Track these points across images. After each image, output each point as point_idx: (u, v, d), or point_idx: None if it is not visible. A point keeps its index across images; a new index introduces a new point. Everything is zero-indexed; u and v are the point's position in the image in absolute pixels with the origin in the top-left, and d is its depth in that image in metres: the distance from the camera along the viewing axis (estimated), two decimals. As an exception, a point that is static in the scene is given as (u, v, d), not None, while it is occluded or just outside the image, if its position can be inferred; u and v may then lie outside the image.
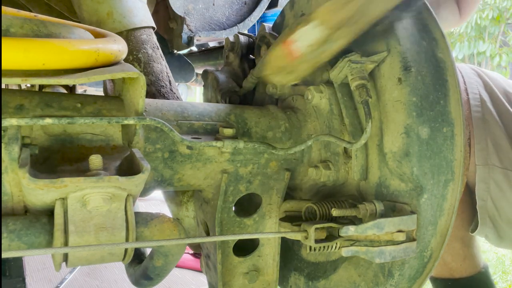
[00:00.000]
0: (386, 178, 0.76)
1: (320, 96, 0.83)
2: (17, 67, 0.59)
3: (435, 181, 0.72)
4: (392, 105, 0.73)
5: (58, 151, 0.69)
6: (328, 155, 0.86)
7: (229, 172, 0.82)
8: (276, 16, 1.02)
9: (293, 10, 0.95)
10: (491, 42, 7.95)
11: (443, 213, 0.73)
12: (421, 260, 0.75)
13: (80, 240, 0.62)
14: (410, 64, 0.71)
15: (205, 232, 0.96)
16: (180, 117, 0.81)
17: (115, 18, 1.06)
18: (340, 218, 0.77)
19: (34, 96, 0.70)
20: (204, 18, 1.61)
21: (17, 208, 0.67)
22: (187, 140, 0.72)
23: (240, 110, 0.87)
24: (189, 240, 0.69)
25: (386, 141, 0.74)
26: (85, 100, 0.73)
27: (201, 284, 2.19)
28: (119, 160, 0.71)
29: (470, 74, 1.32)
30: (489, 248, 2.92)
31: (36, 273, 2.23)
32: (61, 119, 0.63)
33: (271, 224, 0.90)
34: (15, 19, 0.64)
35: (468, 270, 1.41)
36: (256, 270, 0.92)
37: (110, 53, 0.68)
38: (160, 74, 1.10)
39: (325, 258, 0.90)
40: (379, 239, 0.70)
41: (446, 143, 0.72)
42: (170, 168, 0.78)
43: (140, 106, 0.69)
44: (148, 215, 0.71)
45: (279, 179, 0.87)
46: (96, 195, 0.61)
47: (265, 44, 1.02)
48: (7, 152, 0.61)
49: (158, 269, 0.80)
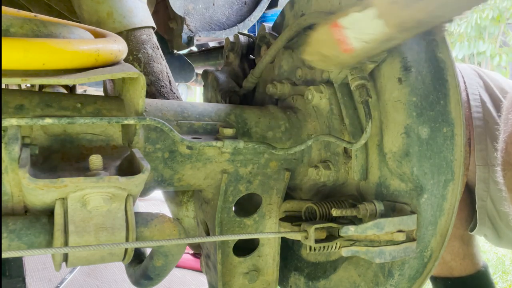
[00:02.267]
0: (386, 178, 0.76)
1: (320, 96, 0.83)
2: (17, 67, 0.59)
3: (435, 181, 0.72)
4: (392, 105, 0.73)
5: (58, 151, 0.69)
6: (328, 155, 0.86)
7: (229, 172, 0.82)
8: (276, 16, 1.02)
9: (293, 10, 0.95)
10: (491, 42, 7.95)
11: (443, 213, 0.73)
12: (421, 260, 0.75)
13: (80, 240, 0.62)
14: (410, 64, 0.71)
15: (205, 232, 0.96)
16: (180, 117, 0.81)
17: (115, 18, 1.06)
18: (340, 218, 0.77)
19: (34, 96, 0.70)
20: (204, 18, 1.61)
21: (17, 208, 0.67)
22: (187, 140, 0.72)
23: (240, 110, 0.87)
24: (189, 240, 0.69)
25: (386, 141, 0.74)
26: (85, 100, 0.73)
27: (201, 284, 2.19)
28: (119, 160, 0.71)
29: (471, 75, 1.32)
30: (489, 248, 2.92)
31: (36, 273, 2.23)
32: (61, 119, 0.63)
33: (271, 224, 0.90)
34: (15, 19, 0.64)
35: (468, 269, 1.42)
36: (256, 270, 0.92)
37: (110, 53, 0.68)
38: (160, 74, 1.10)
39: (325, 258, 0.90)
40: (379, 239, 0.70)
41: (446, 143, 0.72)
42: (170, 168, 0.78)
43: (140, 106, 0.69)
44: (148, 215, 0.71)
45: (279, 179, 0.87)
46: (96, 195, 0.61)
47: (265, 44, 1.02)
48: (7, 152, 0.61)
49: (158, 269, 0.80)
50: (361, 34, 0.63)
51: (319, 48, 0.70)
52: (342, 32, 0.64)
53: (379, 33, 0.62)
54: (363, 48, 0.65)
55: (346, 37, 0.64)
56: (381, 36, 0.62)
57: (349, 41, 0.64)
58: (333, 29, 0.66)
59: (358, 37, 0.63)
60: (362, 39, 0.63)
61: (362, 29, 0.63)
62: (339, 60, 0.69)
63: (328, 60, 0.71)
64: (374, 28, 0.61)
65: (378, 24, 0.61)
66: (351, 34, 0.64)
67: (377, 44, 0.64)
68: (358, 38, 0.63)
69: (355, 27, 0.63)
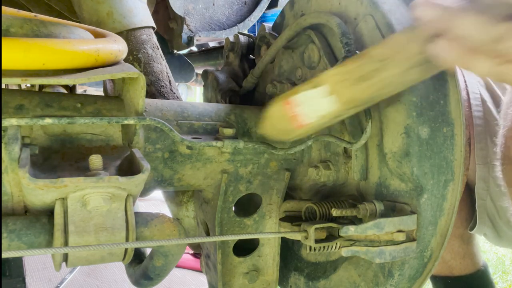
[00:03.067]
0: (386, 178, 0.76)
1: (320, 96, 0.83)
2: (17, 67, 0.59)
3: (435, 181, 0.72)
4: (392, 105, 0.73)
5: (58, 151, 0.69)
6: (328, 155, 0.86)
7: (229, 172, 0.82)
8: (276, 16, 1.02)
9: (293, 10, 0.95)
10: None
11: (443, 213, 0.73)
12: (421, 260, 0.75)
13: (80, 240, 0.62)
14: (410, 64, 0.71)
15: (205, 232, 0.96)
16: (180, 117, 0.81)
17: (115, 18, 1.06)
18: (340, 218, 0.77)
19: (34, 96, 0.70)
20: (204, 18, 1.61)
21: (17, 208, 0.67)
22: (187, 140, 0.72)
23: (240, 110, 0.87)
24: (189, 240, 0.69)
25: (386, 141, 0.74)
26: (85, 100, 0.73)
27: (201, 284, 2.19)
28: (119, 160, 0.71)
29: (471, 74, 1.32)
30: (489, 248, 2.92)
31: (36, 273, 2.23)
32: (61, 119, 0.63)
33: (271, 224, 0.90)
34: (15, 19, 0.64)
35: (468, 268, 1.42)
36: (256, 270, 0.92)
37: (110, 53, 0.68)
38: (160, 74, 1.10)
39: (325, 258, 0.90)
40: (379, 239, 0.70)
41: (446, 143, 0.72)
42: (170, 168, 0.78)
43: (140, 106, 0.69)
44: (148, 215, 0.71)
45: (279, 179, 0.87)
46: (96, 195, 0.61)
47: (265, 44, 1.02)
48: (7, 152, 0.61)
49: (158, 269, 0.80)
50: (312, 111, 0.65)
51: (274, 124, 0.74)
52: (295, 109, 0.67)
53: (330, 109, 0.64)
54: (315, 123, 0.67)
55: (298, 114, 0.67)
56: (332, 113, 0.65)
57: (301, 118, 0.67)
58: (286, 106, 0.68)
59: (314, 113, 0.65)
60: (314, 115, 0.65)
61: (314, 106, 0.65)
62: (293, 135, 0.72)
63: (283, 134, 0.74)
64: (325, 105, 0.63)
65: (329, 101, 0.63)
66: (307, 111, 0.66)
67: (328, 119, 0.67)
68: (310, 115, 0.66)
69: (307, 104, 0.65)
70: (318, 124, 0.68)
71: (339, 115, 0.66)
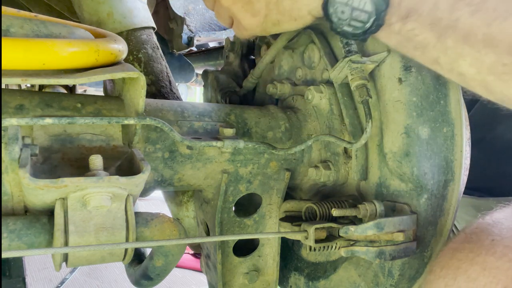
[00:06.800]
0: (386, 178, 0.76)
1: (320, 96, 0.83)
2: (17, 67, 0.59)
3: (435, 181, 0.72)
4: (392, 105, 0.73)
5: (58, 151, 0.69)
6: (328, 155, 0.86)
7: (229, 172, 0.82)
8: (276, 16, 1.02)
9: (293, 10, 0.95)
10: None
11: (443, 213, 0.73)
12: (421, 260, 0.75)
13: (80, 240, 0.62)
14: (410, 64, 0.71)
15: (205, 232, 0.96)
16: (180, 117, 0.81)
17: (115, 19, 1.06)
18: (340, 218, 0.77)
19: (34, 96, 0.70)
20: (204, 18, 1.61)
21: (17, 208, 0.67)
22: (187, 140, 0.72)
23: (240, 110, 0.87)
24: (189, 240, 0.69)
25: (386, 141, 0.74)
26: (85, 100, 0.73)
27: (201, 284, 2.19)
28: (119, 160, 0.71)
29: None
30: (489, 248, 2.91)
31: (36, 273, 2.23)
32: (61, 119, 0.63)
33: (271, 224, 0.90)
34: (15, 19, 0.64)
35: None
36: (256, 270, 0.92)
37: (110, 53, 0.68)
38: (160, 74, 1.10)
39: (325, 258, 0.90)
40: (379, 239, 0.70)
41: (446, 143, 0.72)
42: (170, 168, 0.78)
43: (140, 106, 0.69)
44: (148, 215, 0.71)
45: (279, 179, 0.87)
46: (96, 195, 0.61)
47: (265, 44, 1.02)
48: (7, 152, 0.61)
49: (158, 269, 0.80)
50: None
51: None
52: None
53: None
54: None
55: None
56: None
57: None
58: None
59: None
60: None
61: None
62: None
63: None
64: None
65: None
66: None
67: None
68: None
69: None
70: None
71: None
